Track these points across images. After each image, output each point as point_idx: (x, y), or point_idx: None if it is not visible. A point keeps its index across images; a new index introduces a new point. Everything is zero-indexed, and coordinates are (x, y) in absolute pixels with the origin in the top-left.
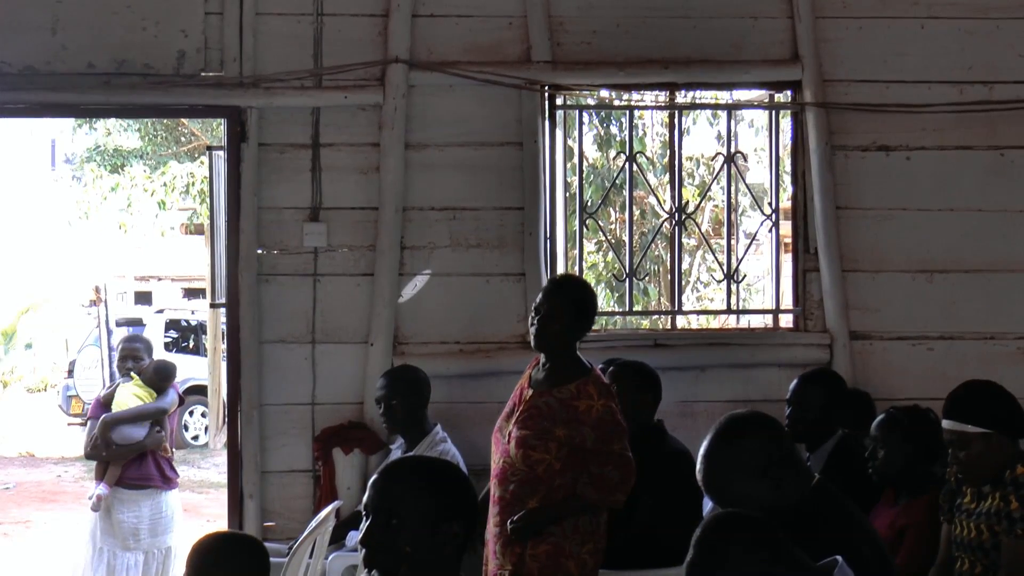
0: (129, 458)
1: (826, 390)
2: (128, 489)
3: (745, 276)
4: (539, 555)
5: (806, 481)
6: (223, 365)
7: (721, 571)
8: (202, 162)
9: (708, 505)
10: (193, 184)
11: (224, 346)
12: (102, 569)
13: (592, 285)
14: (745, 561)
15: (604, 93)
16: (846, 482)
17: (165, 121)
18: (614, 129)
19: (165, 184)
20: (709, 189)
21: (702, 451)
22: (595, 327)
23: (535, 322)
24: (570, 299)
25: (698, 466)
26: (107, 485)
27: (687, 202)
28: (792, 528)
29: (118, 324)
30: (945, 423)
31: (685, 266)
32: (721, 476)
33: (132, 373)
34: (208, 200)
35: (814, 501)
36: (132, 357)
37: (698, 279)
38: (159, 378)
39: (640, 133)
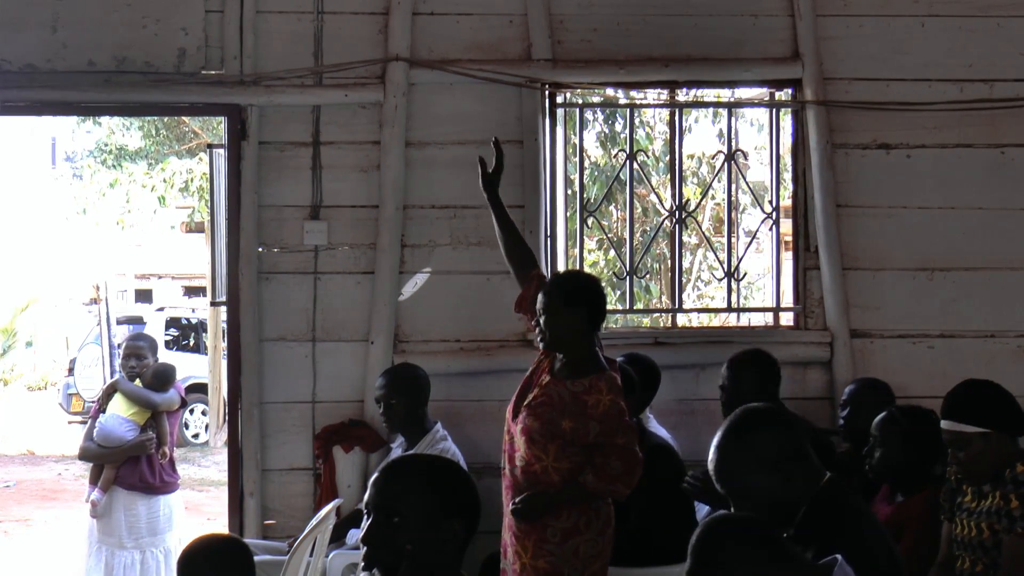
0: (118, 462)
1: (759, 371)
2: (124, 489)
3: (746, 274)
4: (539, 568)
5: (817, 477)
6: (223, 363)
7: (720, 574)
8: (201, 158)
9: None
10: (192, 180)
11: (224, 344)
12: (100, 568)
13: (600, 281)
14: (742, 562)
15: (609, 92)
16: None
17: (166, 119)
18: (618, 127)
19: (165, 180)
20: (710, 187)
21: (715, 442)
22: None
23: (538, 323)
24: (560, 291)
25: (710, 456)
26: (101, 491)
27: (688, 200)
28: (802, 524)
29: (119, 322)
30: (944, 423)
31: (686, 264)
32: (732, 468)
33: (136, 374)
34: (209, 198)
35: (824, 497)
36: (135, 355)
37: (699, 277)
38: (157, 382)
39: (645, 131)
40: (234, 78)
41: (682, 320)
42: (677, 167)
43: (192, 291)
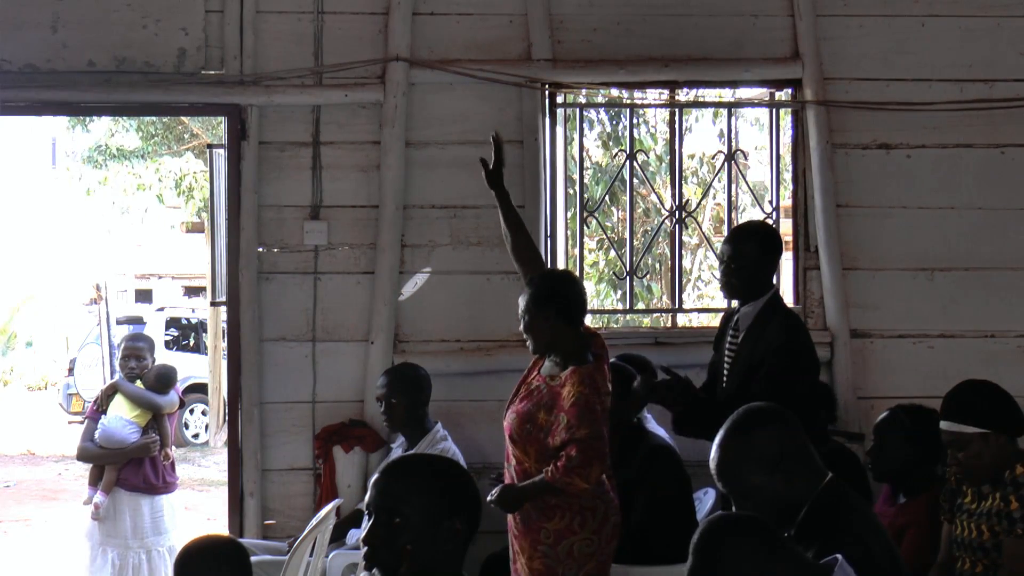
0: (119, 463)
1: (761, 243)
2: (126, 491)
3: None
4: (535, 569)
5: (818, 477)
6: (223, 363)
7: (720, 574)
8: (188, 159)
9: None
10: (183, 179)
11: (225, 344)
12: (107, 570)
13: (575, 276)
14: (743, 561)
15: (613, 92)
16: (767, 333)
17: (164, 121)
18: (621, 127)
19: (160, 179)
20: (710, 187)
21: (717, 440)
22: (597, 325)
23: (523, 329)
24: (529, 295)
25: (712, 455)
26: (103, 493)
27: (688, 200)
28: (803, 524)
29: (119, 322)
30: (943, 424)
31: (686, 264)
32: (734, 466)
33: (136, 375)
34: (209, 197)
35: (826, 498)
36: (135, 356)
37: (699, 277)
38: (160, 384)
39: (648, 131)
40: (234, 78)
41: (682, 320)
42: (677, 167)
43: (192, 291)
